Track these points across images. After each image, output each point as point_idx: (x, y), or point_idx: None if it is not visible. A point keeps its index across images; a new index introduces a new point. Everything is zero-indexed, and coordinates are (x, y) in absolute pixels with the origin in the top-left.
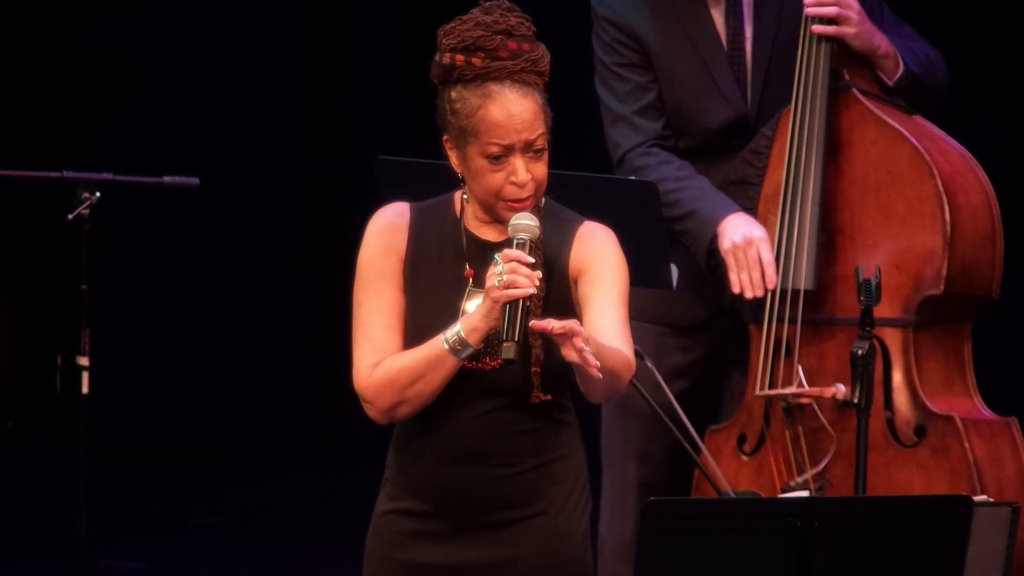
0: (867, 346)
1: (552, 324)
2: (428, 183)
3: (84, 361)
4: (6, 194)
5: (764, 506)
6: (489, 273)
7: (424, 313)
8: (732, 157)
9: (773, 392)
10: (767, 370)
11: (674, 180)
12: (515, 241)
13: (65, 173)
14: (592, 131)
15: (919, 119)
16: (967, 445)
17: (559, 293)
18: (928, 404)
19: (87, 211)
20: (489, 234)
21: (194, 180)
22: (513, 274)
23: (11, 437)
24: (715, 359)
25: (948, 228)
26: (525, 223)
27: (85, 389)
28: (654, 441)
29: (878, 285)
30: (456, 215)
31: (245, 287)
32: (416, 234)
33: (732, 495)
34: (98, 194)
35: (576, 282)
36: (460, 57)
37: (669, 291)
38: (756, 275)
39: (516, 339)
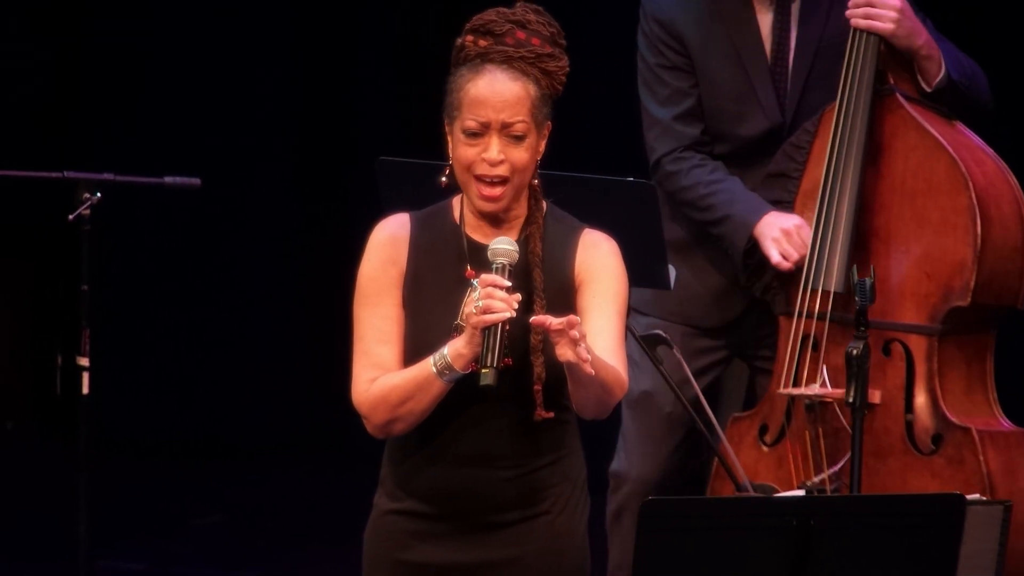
0: (862, 346)
1: (550, 320)
2: (429, 184)
3: (84, 361)
4: (6, 194)
5: (761, 505)
6: (467, 300)
7: (426, 325)
8: (767, 162)
9: (796, 391)
10: (792, 366)
11: (706, 184)
12: (493, 266)
13: (65, 173)
14: (593, 132)
15: (960, 126)
16: (982, 458)
17: (562, 299)
18: (947, 414)
19: (87, 211)
20: (489, 237)
21: (195, 180)
22: (489, 299)
23: (11, 437)
24: (730, 360)
25: (979, 241)
26: (503, 247)
27: (85, 389)
28: (669, 437)
29: (872, 286)
30: (455, 220)
31: (245, 287)
32: (417, 245)
33: (750, 487)
34: (98, 194)
35: (578, 290)
36: (470, 38)
37: (698, 292)
38: (804, 252)
39: (495, 365)
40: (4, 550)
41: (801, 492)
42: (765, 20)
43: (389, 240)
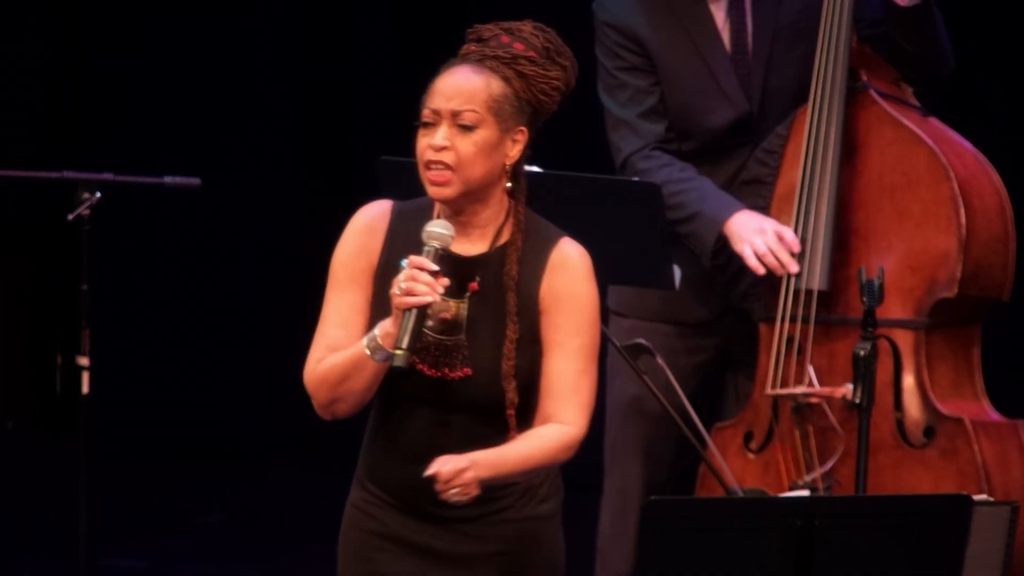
0: (870, 346)
1: (441, 471)
2: None
3: (84, 361)
4: (6, 194)
5: (765, 505)
6: (395, 279)
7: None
8: (736, 156)
9: (783, 391)
10: (778, 368)
11: (676, 182)
12: (424, 248)
13: (65, 173)
14: (591, 134)
15: (934, 121)
16: (976, 447)
17: (528, 321)
18: (938, 406)
19: (87, 211)
20: (458, 239)
21: (195, 180)
22: (412, 281)
23: (11, 437)
24: (720, 360)
25: (963, 231)
26: (438, 231)
27: (85, 389)
28: (660, 442)
29: (881, 286)
30: (431, 219)
31: (245, 287)
32: (392, 238)
33: (739, 492)
34: (98, 194)
35: (542, 316)
36: (466, 45)
37: (676, 290)
38: (784, 256)
39: (408, 348)
40: (5, 549)
41: (805, 492)
42: (719, 11)
43: (367, 228)
